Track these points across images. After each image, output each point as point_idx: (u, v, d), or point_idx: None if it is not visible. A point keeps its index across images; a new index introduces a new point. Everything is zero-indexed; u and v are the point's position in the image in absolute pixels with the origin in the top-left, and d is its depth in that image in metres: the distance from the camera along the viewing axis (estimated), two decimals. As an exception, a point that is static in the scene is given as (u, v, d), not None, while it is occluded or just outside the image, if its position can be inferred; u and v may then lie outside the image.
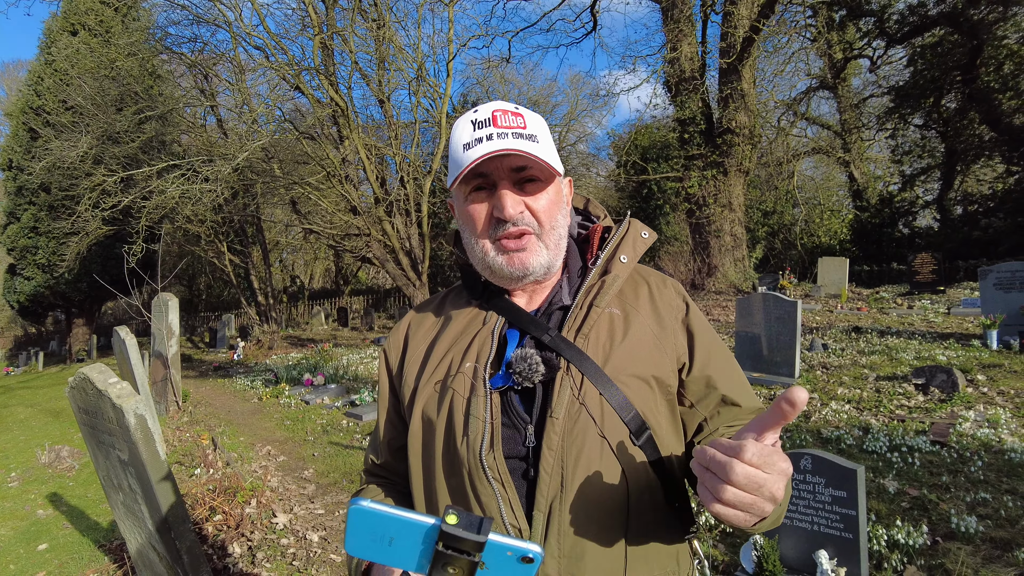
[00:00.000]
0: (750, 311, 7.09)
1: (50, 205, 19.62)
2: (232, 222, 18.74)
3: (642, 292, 1.10)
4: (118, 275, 15.72)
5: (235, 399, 10.01)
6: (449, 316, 1.13)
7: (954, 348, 7.21)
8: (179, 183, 10.54)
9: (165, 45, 12.42)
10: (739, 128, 14.76)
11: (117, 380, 2.84)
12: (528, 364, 0.96)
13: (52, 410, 10.68)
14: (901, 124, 18.13)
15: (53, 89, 17.54)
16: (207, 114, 18.88)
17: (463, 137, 1.01)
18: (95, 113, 11.95)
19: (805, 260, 18.48)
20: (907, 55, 16.96)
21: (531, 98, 27.73)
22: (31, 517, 5.16)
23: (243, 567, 3.71)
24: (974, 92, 15.15)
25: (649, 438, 0.97)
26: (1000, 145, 15.52)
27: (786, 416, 0.69)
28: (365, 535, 0.66)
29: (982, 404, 5.34)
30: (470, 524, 0.64)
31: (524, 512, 0.93)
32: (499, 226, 1.02)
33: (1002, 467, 4.07)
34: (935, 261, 12.28)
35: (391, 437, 1.15)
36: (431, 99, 13.05)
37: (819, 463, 2.94)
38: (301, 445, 6.71)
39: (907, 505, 3.69)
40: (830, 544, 2.90)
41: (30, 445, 7.78)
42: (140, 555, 3.19)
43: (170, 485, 2.76)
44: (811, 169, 24.70)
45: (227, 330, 20.17)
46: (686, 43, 15.26)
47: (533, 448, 0.95)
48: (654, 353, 1.03)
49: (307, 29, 11.03)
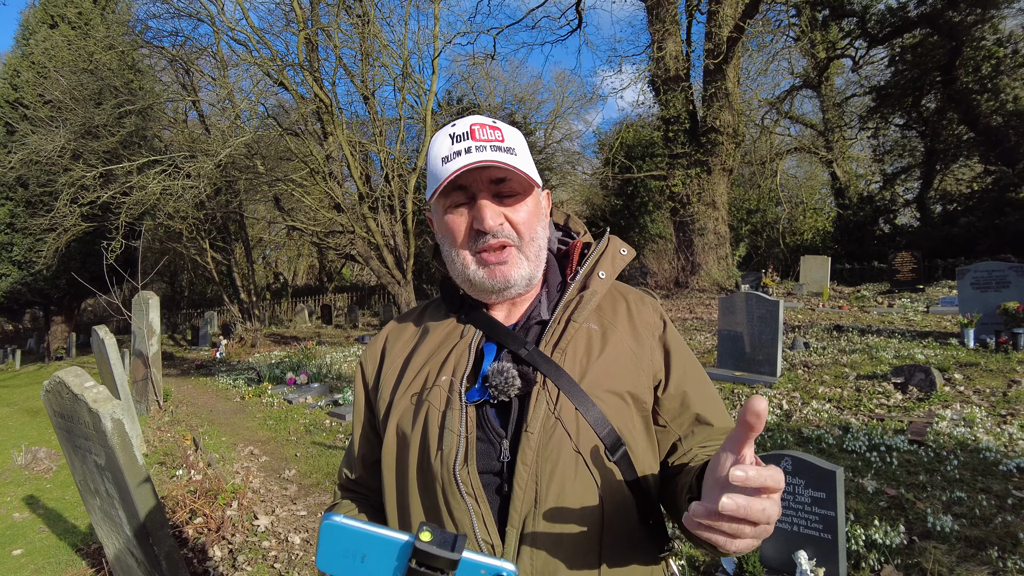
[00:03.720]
0: (733, 310, 7.14)
1: (27, 201, 19.26)
2: (214, 219, 18.56)
3: (620, 308, 1.11)
4: (98, 272, 15.48)
5: (217, 398, 9.91)
6: (427, 329, 1.13)
7: (933, 347, 7.31)
8: (160, 179, 10.40)
9: (145, 39, 12.22)
10: (723, 127, 14.85)
11: (93, 384, 2.80)
12: (504, 378, 0.96)
13: (30, 409, 10.51)
14: (882, 123, 18.35)
15: (31, 82, 17.23)
16: (189, 109, 18.66)
17: (441, 150, 1.01)
18: (73, 107, 11.75)
19: (788, 258, 18.66)
20: (889, 55, 17.15)
21: (517, 95, 27.73)
22: (7, 520, 5.08)
23: (223, 571, 3.68)
24: (953, 93, 15.37)
25: (624, 454, 0.97)
26: (978, 145, 15.76)
27: (753, 428, 0.69)
28: (337, 551, 0.66)
29: (959, 403, 5.42)
30: (444, 541, 0.63)
31: (497, 528, 0.92)
32: (479, 238, 1.02)
33: (977, 466, 4.14)
34: (915, 260, 12.46)
35: (365, 452, 1.15)
36: (416, 95, 12.98)
37: (799, 464, 2.97)
38: (284, 445, 6.66)
39: (885, 504, 3.74)
40: (809, 545, 2.93)
41: (6, 446, 7.65)
42: (118, 560, 3.15)
43: (149, 489, 2.73)
44: (794, 168, 24.96)
45: (210, 328, 19.96)
46: (671, 42, 15.32)
47: (508, 463, 0.94)
48: (631, 369, 1.03)
49: (291, 24, 10.92)
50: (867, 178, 21.71)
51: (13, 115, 17.48)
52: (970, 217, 14.79)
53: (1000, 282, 7.38)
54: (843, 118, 20.75)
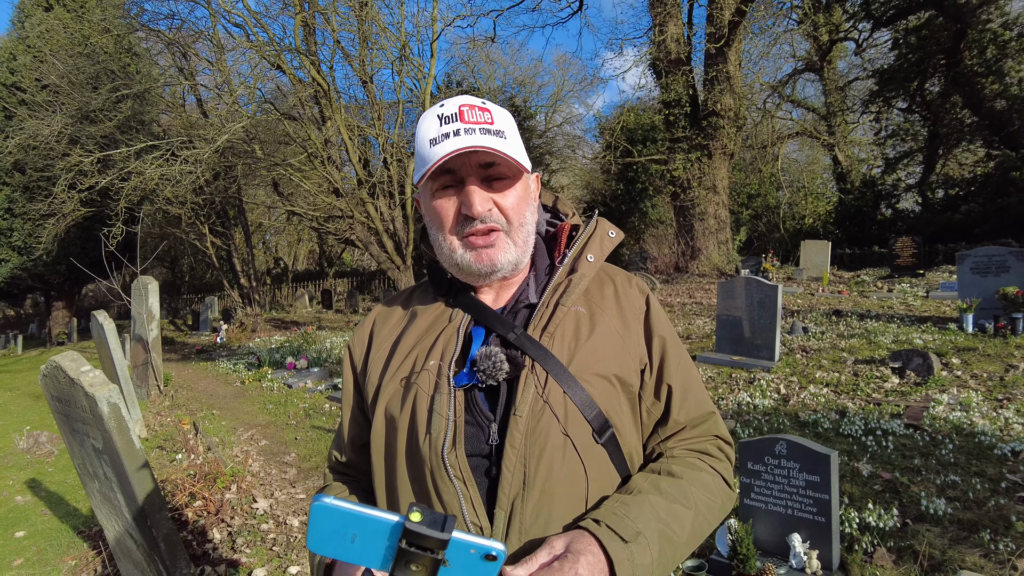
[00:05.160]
0: (732, 294, 7.14)
1: (25, 186, 19.19)
2: (213, 204, 18.49)
3: (608, 291, 1.10)
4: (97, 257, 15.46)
5: (217, 382, 9.95)
6: (415, 312, 1.13)
7: (931, 332, 7.32)
8: (158, 164, 10.36)
9: (141, 22, 12.11)
10: (724, 110, 14.74)
11: (90, 368, 2.80)
12: (492, 362, 0.96)
13: (32, 394, 10.56)
14: (885, 107, 18.20)
15: (28, 66, 17.09)
16: (187, 94, 18.52)
17: (429, 132, 1.00)
18: (70, 91, 11.67)
19: (788, 243, 18.60)
20: (892, 38, 16.97)
21: (517, 78, 27.53)
22: (9, 503, 5.12)
23: (223, 553, 3.71)
24: (957, 76, 15.22)
25: (612, 437, 0.98)
26: (981, 129, 15.64)
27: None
28: (328, 532, 0.66)
29: (955, 387, 5.44)
30: (434, 522, 0.64)
31: (486, 510, 0.93)
32: (467, 223, 1.01)
33: (972, 450, 4.16)
34: (915, 245, 12.42)
35: (354, 434, 1.15)
36: (415, 79, 12.91)
37: (794, 448, 2.98)
38: (283, 429, 6.70)
39: (879, 488, 3.76)
40: (803, 527, 2.95)
41: (8, 430, 7.70)
42: (118, 542, 3.18)
43: (147, 473, 2.74)
44: (795, 152, 24.83)
45: (210, 312, 19.99)
46: (673, 24, 15.16)
47: (496, 446, 0.95)
48: (618, 352, 1.03)
49: (288, 7, 10.80)
50: (869, 162, 21.58)
51: (11, 99, 17.39)
52: (971, 203, 14.73)
53: (1000, 267, 7.37)
54: (845, 102, 20.59)
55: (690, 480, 0.99)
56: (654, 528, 0.89)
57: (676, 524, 0.92)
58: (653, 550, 0.87)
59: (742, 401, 5.68)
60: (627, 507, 0.90)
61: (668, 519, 0.91)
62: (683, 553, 0.94)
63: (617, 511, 0.89)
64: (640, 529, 0.87)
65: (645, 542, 0.86)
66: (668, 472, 1.00)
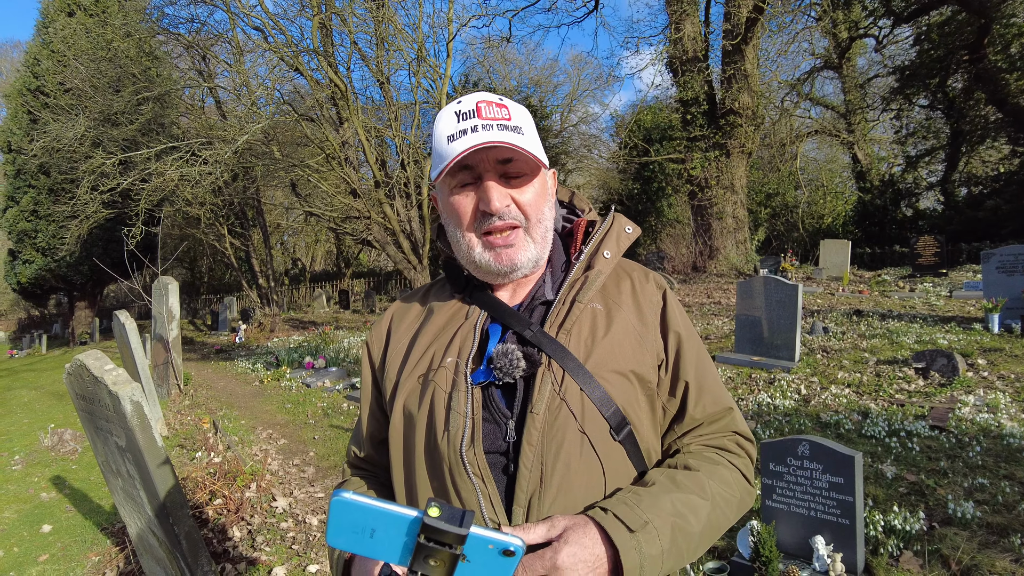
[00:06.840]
0: (751, 294, 7.07)
1: (50, 188, 19.58)
2: (232, 204, 18.72)
3: (624, 287, 1.10)
4: (119, 258, 15.73)
5: (236, 382, 10.05)
6: (432, 309, 1.13)
7: (955, 332, 7.19)
8: (178, 165, 10.50)
9: (162, 26, 12.29)
10: (742, 109, 14.61)
11: (113, 367, 2.83)
12: (509, 360, 0.96)
13: (56, 393, 10.74)
14: (906, 105, 17.92)
15: (51, 71, 17.40)
16: (206, 96, 18.76)
17: (447, 129, 1.00)
18: (92, 95, 11.86)
19: (807, 242, 18.39)
20: (913, 34, 16.69)
21: (532, 78, 27.54)
22: (34, 500, 5.21)
23: (243, 550, 3.74)
24: (981, 72, 14.93)
25: (629, 433, 0.98)
26: (1006, 126, 15.33)
27: None
28: (347, 527, 0.67)
29: (982, 388, 5.33)
30: (452, 517, 0.64)
31: (504, 507, 0.93)
32: (485, 219, 1.01)
33: (1000, 452, 4.07)
34: (938, 244, 12.21)
35: (373, 430, 1.16)
36: (431, 80, 12.96)
37: (817, 449, 2.94)
38: (302, 428, 6.75)
39: (904, 490, 3.69)
40: (827, 530, 2.91)
41: (33, 428, 7.84)
42: (140, 539, 3.21)
43: (168, 471, 2.77)
44: (814, 150, 24.53)
45: (229, 313, 20.20)
46: (689, 23, 15.05)
47: (513, 443, 0.95)
48: (636, 349, 1.02)
49: (306, 9, 10.90)
50: (889, 160, 21.25)
51: (35, 103, 17.71)
52: (996, 200, 14.45)
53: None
54: (865, 99, 20.29)
55: (707, 473, 0.98)
56: (666, 518, 0.88)
57: (691, 515, 0.91)
58: (664, 540, 0.86)
59: (762, 402, 5.62)
60: (638, 497, 0.90)
61: (682, 510, 0.91)
62: (699, 545, 0.93)
63: (628, 500, 0.89)
64: (649, 519, 0.86)
65: (654, 532, 0.86)
66: (684, 466, 1.00)
